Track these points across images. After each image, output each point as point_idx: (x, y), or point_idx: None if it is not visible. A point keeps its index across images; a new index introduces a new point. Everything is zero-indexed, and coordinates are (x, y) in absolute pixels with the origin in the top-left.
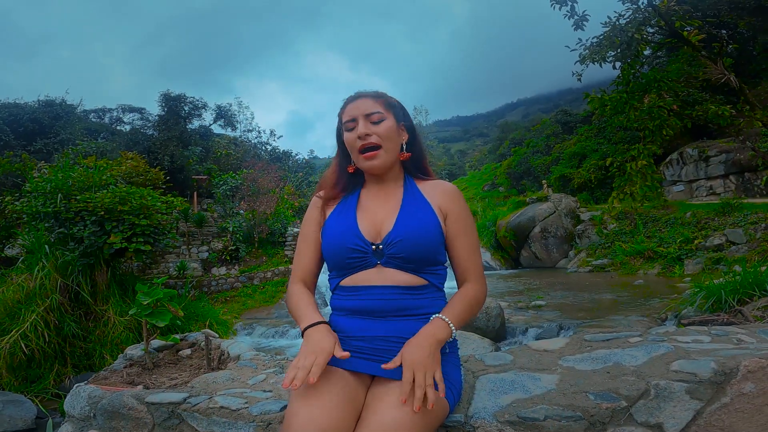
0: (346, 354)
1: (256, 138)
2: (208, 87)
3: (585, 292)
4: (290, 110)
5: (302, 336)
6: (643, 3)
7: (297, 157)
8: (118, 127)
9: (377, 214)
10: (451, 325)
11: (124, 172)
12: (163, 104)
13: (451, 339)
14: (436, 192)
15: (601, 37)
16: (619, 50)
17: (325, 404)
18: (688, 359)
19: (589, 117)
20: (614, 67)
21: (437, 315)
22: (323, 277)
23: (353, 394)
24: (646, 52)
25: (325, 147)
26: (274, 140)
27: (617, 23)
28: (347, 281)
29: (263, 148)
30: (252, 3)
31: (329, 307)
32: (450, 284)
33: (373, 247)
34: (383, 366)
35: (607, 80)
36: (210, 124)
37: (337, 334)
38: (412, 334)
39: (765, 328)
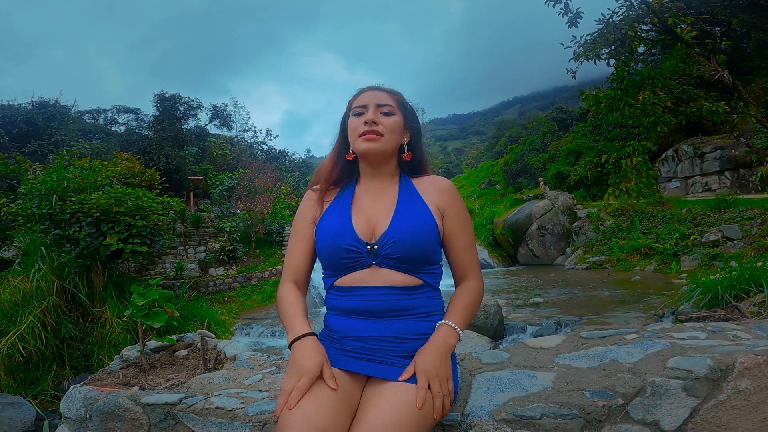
0: (334, 385)
1: (252, 138)
2: (204, 88)
3: (582, 289)
4: (286, 110)
5: (289, 348)
6: (636, 0)
7: (293, 157)
8: (113, 128)
9: (372, 211)
10: (458, 329)
11: (119, 173)
12: (158, 104)
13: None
14: (432, 188)
15: (596, 34)
16: (613, 47)
17: (319, 404)
18: (685, 356)
19: (584, 114)
20: (608, 65)
21: (444, 321)
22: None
23: (348, 394)
24: (640, 49)
25: (322, 146)
26: (271, 140)
27: (611, 20)
28: (341, 281)
29: (259, 147)
30: (247, 5)
31: (324, 307)
32: (447, 282)
33: (368, 247)
34: (399, 378)
35: (601, 77)
36: (206, 125)
37: (332, 333)
38: (408, 333)
39: (761, 325)
